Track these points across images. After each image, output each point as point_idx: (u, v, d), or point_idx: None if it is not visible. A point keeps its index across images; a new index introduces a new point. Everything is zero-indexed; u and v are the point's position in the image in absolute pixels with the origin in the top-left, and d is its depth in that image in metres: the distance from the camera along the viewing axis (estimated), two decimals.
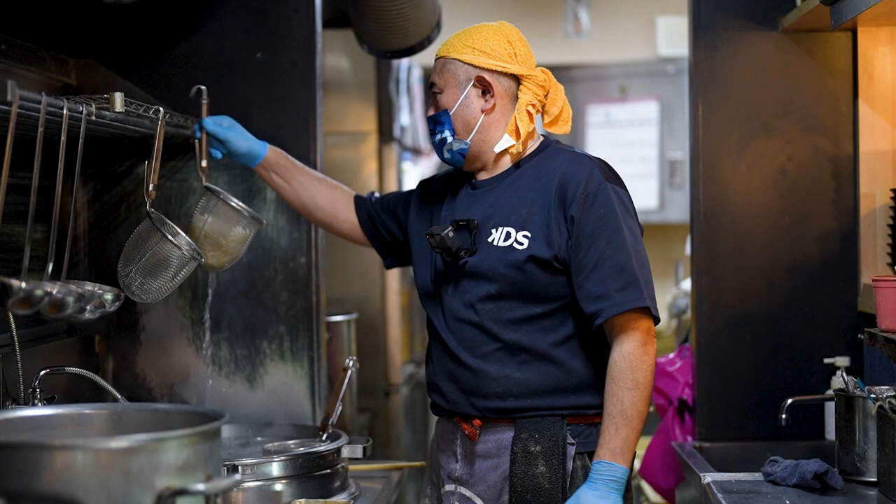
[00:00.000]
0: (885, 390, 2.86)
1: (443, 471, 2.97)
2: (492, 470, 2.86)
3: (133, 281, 2.93)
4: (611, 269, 2.73)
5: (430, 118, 2.94)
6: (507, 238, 2.82)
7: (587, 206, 2.76)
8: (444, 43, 2.97)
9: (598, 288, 2.73)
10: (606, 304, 2.72)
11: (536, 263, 2.78)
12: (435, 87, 2.93)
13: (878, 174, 3.51)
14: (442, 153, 2.92)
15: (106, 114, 2.73)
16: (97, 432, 2.32)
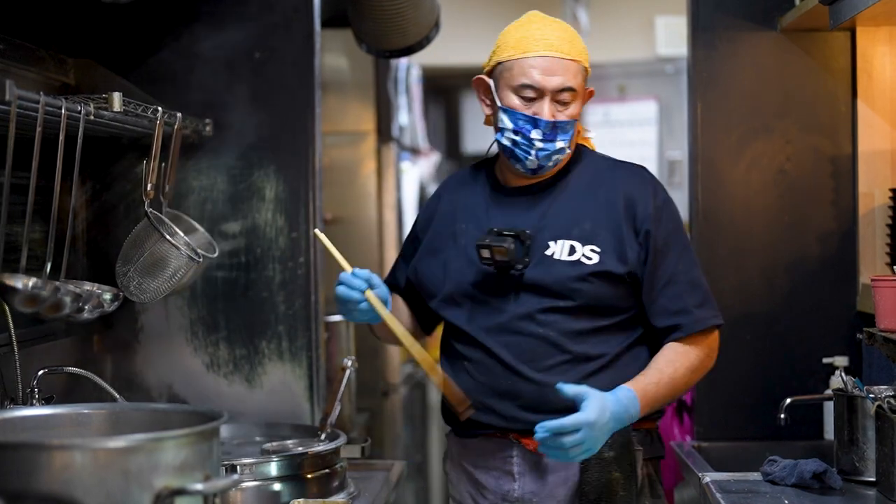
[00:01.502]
0: (883, 390, 2.86)
1: (491, 494, 2.87)
2: (561, 483, 2.79)
3: (131, 281, 2.93)
4: (686, 285, 2.80)
5: (554, 123, 2.77)
6: (571, 252, 2.77)
7: (658, 222, 2.79)
8: (567, 41, 2.79)
9: (676, 303, 2.79)
10: (687, 320, 2.78)
11: (608, 279, 2.76)
12: (567, 94, 2.76)
13: (877, 174, 3.51)
14: (547, 161, 2.79)
15: (104, 113, 2.73)
16: (95, 432, 2.32)
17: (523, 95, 2.76)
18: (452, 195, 2.99)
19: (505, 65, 2.80)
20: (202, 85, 3.40)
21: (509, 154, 2.81)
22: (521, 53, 2.77)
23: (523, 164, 2.79)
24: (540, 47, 2.76)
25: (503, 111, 2.79)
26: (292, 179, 3.43)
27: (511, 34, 2.83)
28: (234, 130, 3.41)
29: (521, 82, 2.76)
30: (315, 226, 3.44)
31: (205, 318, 3.44)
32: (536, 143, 2.76)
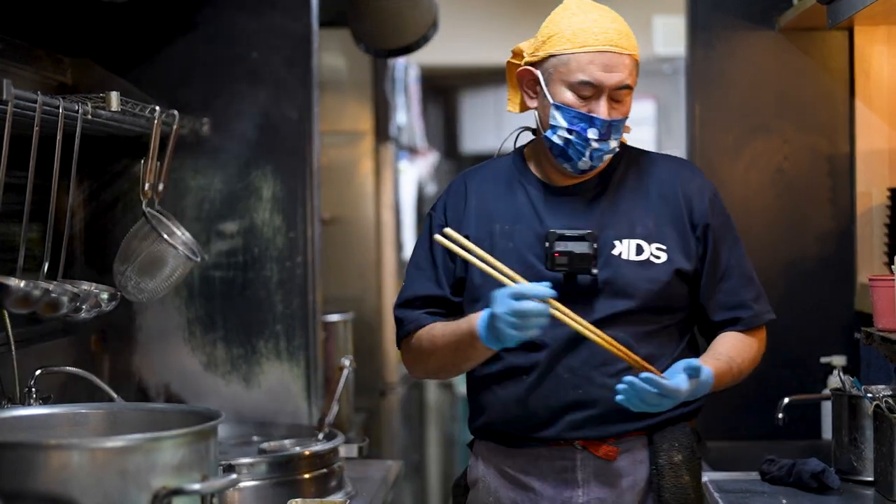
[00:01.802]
0: (881, 389, 2.86)
1: (546, 501, 2.69)
2: (630, 489, 2.66)
3: (129, 280, 2.92)
4: (741, 279, 2.72)
5: (611, 122, 2.60)
6: (639, 252, 2.64)
7: (713, 215, 2.70)
8: (623, 36, 2.61)
9: (733, 298, 2.71)
10: (746, 315, 2.72)
11: (677, 277, 2.65)
12: (625, 91, 2.61)
13: (875, 173, 3.51)
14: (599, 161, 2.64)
15: (102, 113, 2.73)
16: (93, 432, 2.32)
17: (580, 93, 2.59)
18: (480, 193, 2.76)
19: (559, 58, 2.60)
20: (200, 84, 3.40)
21: (559, 153, 2.64)
22: (579, 47, 2.59)
23: (574, 163, 2.63)
24: (599, 41, 2.58)
25: (556, 108, 2.61)
26: (290, 179, 3.42)
27: (565, 24, 2.62)
28: (232, 130, 3.41)
29: (580, 79, 2.58)
30: (312, 225, 3.44)
31: (202, 317, 3.44)
32: (592, 143, 2.60)
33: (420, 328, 2.71)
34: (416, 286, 2.76)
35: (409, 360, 2.79)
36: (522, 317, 2.44)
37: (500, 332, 2.47)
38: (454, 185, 2.81)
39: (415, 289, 2.75)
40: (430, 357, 2.70)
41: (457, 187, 2.80)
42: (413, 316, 2.73)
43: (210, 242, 3.39)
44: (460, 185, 2.79)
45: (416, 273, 2.77)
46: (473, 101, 8.17)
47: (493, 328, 2.49)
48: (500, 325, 2.46)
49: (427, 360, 2.72)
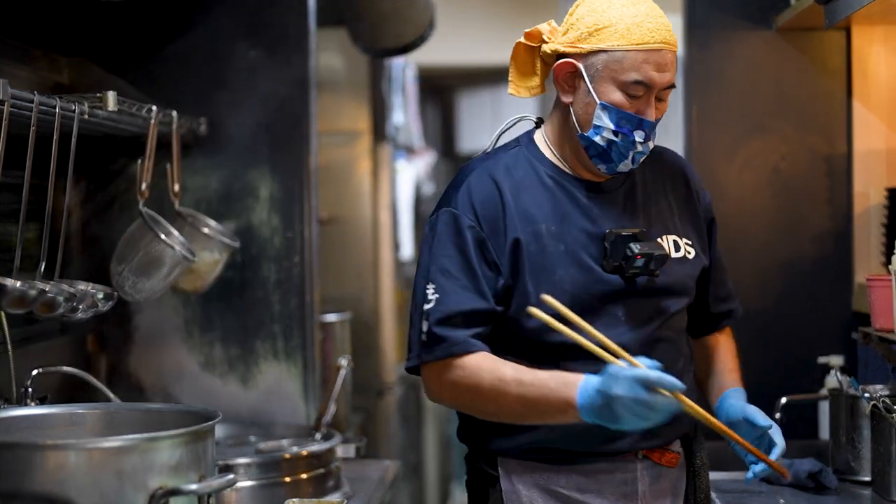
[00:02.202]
0: (879, 389, 2.86)
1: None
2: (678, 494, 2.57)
3: (126, 280, 2.92)
4: (725, 270, 2.72)
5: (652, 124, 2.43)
6: (677, 248, 2.52)
7: (711, 208, 2.65)
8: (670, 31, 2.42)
9: (724, 289, 2.70)
10: (735, 305, 2.73)
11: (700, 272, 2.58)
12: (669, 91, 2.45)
13: (873, 173, 3.51)
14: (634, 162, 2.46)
15: (99, 112, 2.72)
16: (90, 432, 2.32)
17: (631, 93, 2.40)
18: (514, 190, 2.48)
19: (612, 55, 2.39)
20: (197, 84, 3.40)
21: (597, 153, 2.45)
22: (635, 44, 2.38)
23: (613, 165, 2.45)
24: (655, 38, 2.39)
25: (603, 108, 2.41)
26: (287, 179, 3.42)
27: (616, 15, 2.41)
28: (229, 130, 3.41)
29: (634, 79, 2.38)
30: (310, 225, 3.43)
31: (200, 317, 3.44)
32: (637, 146, 2.42)
33: (467, 354, 2.40)
34: (456, 299, 2.41)
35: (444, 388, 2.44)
36: (651, 408, 2.23)
37: (618, 416, 2.24)
38: (479, 181, 2.48)
39: (456, 302, 2.41)
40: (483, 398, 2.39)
41: (483, 184, 2.48)
42: (458, 337, 2.39)
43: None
44: (486, 182, 2.48)
45: (450, 283, 2.42)
46: (471, 100, 8.17)
47: (608, 409, 2.24)
48: (620, 411, 2.23)
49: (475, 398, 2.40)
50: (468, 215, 2.45)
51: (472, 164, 2.57)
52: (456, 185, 2.51)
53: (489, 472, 2.51)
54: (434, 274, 2.44)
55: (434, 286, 2.43)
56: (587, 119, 2.44)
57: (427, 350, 2.41)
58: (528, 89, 2.60)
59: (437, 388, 2.45)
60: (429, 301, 2.43)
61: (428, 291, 2.44)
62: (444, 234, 2.46)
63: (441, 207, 2.50)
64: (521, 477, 2.49)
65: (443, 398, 2.47)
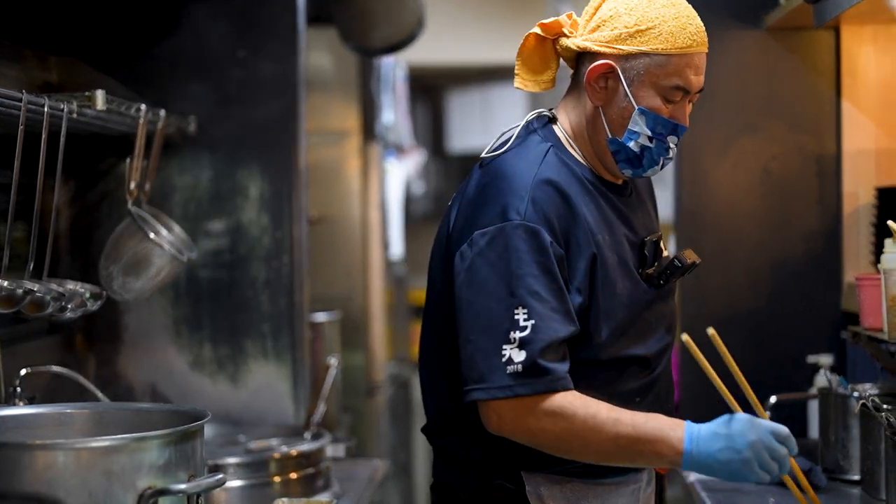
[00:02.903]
0: (868, 388, 2.87)
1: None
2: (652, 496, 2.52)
3: (114, 279, 2.91)
4: None
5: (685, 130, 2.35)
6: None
7: None
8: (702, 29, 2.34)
9: None
10: None
11: None
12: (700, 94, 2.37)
13: (862, 173, 3.51)
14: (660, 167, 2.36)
15: (87, 111, 2.72)
16: (79, 432, 2.31)
17: (670, 98, 2.30)
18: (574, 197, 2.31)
19: (655, 59, 2.28)
20: (186, 83, 3.39)
21: (627, 158, 2.34)
22: (679, 49, 2.28)
23: (641, 170, 2.35)
24: (698, 41, 2.30)
25: (641, 113, 2.30)
26: (276, 178, 3.42)
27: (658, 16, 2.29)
28: (219, 129, 3.40)
29: (675, 84, 2.29)
30: (299, 224, 3.43)
31: (189, 317, 3.43)
32: (670, 152, 2.33)
33: (566, 390, 2.22)
34: (554, 326, 2.21)
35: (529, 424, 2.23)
36: (779, 462, 2.20)
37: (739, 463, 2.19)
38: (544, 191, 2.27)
39: (554, 330, 2.21)
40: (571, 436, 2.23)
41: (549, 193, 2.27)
42: (560, 371, 2.22)
43: (197, 242, 3.38)
44: (548, 189, 2.27)
45: (544, 308, 2.21)
46: (460, 99, 8.17)
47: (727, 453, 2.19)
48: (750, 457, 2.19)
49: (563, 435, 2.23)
50: (545, 229, 2.24)
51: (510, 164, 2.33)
52: (514, 193, 2.27)
53: (509, 488, 2.34)
54: (524, 296, 2.21)
55: (526, 311, 2.20)
56: (622, 124, 2.32)
57: (523, 383, 2.19)
58: (538, 83, 2.43)
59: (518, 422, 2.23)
60: (522, 328, 2.19)
61: (518, 316, 2.20)
62: (523, 251, 2.22)
63: (505, 218, 2.25)
64: (551, 490, 2.34)
65: (517, 433, 2.24)
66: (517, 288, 2.21)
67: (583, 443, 2.22)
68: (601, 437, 2.21)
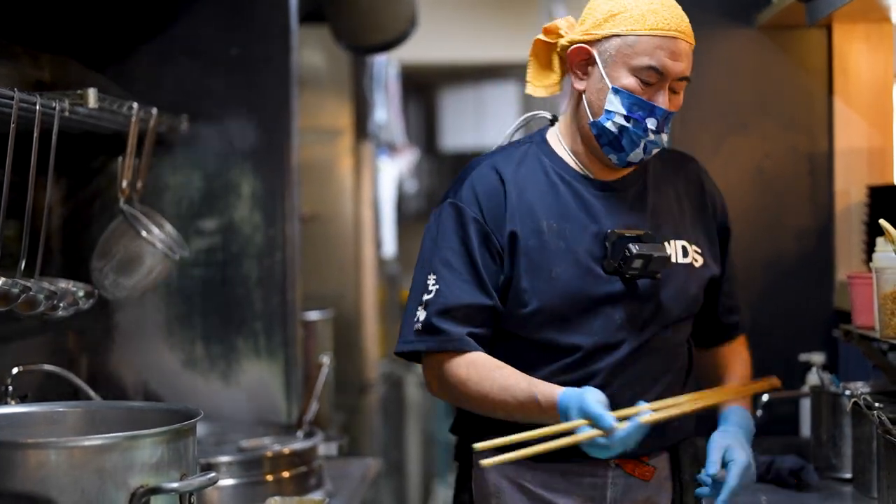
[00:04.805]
0: (860, 386, 2.87)
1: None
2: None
3: (106, 278, 2.91)
4: (735, 280, 2.71)
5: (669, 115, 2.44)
6: (685, 254, 2.51)
7: (727, 215, 2.66)
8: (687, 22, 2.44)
9: (733, 300, 2.70)
10: (742, 318, 2.73)
11: (708, 282, 2.56)
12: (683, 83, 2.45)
13: (854, 171, 3.52)
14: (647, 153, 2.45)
15: (79, 110, 2.71)
16: (71, 430, 2.31)
17: (644, 78, 2.40)
18: (518, 185, 2.48)
19: (625, 39, 2.40)
20: (178, 81, 3.39)
21: (609, 141, 2.43)
22: (648, 29, 2.39)
23: (624, 154, 2.44)
24: (670, 25, 2.40)
25: (615, 93, 2.40)
26: (269, 176, 3.42)
27: (632, 2, 2.42)
28: (211, 127, 3.40)
29: (646, 64, 2.38)
30: (291, 222, 3.43)
31: (181, 315, 3.43)
32: (650, 134, 2.41)
33: (462, 353, 2.43)
34: (456, 292, 2.43)
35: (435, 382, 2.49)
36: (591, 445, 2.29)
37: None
38: (483, 175, 2.49)
39: (456, 296, 2.43)
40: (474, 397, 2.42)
41: (487, 177, 2.48)
42: (455, 333, 2.43)
43: (189, 240, 3.37)
44: (491, 175, 2.48)
45: (452, 276, 2.44)
46: (453, 98, 8.17)
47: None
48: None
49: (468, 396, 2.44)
50: (472, 208, 2.46)
51: (479, 158, 2.56)
52: (461, 178, 2.52)
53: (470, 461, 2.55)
54: (436, 265, 2.46)
55: (435, 277, 2.45)
56: (599, 105, 2.43)
57: (421, 340, 2.45)
58: (546, 87, 2.57)
59: (430, 380, 2.51)
60: (429, 291, 2.45)
61: (429, 282, 2.45)
62: (447, 226, 2.47)
63: (446, 199, 2.51)
64: (499, 469, 2.49)
65: (433, 391, 2.52)
66: (433, 258, 2.47)
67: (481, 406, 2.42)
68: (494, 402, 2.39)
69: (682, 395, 2.47)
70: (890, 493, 2.51)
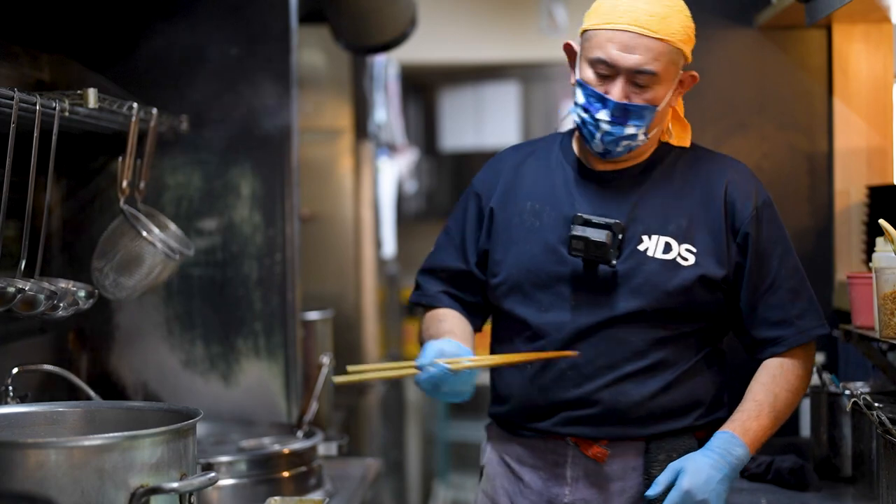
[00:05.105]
0: (859, 386, 2.87)
1: (534, 494, 2.65)
2: (618, 494, 2.59)
3: (106, 278, 2.91)
4: (788, 293, 2.61)
5: (625, 106, 2.50)
6: (666, 250, 2.54)
7: (760, 223, 2.59)
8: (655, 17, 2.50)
9: (777, 313, 2.60)
10: (789, 332, 2.60)
11: (704, 284, 2.54)
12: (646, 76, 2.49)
13: (853, 171, 3.52)
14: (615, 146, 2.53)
15: (79, 110, 2.71)
16: (71, 430, 2.31)
17: (598, 71, 2.50)
18: (518, 166, 2.69)
19: (588, 34, 2.54)
20: (178, 81, 3.39)
21: (581, 133, 2.58)
22: (603, 23, 2.50)
23: (589, 145, 2.56)
24: (623, 20, 2.48)
25: (578, 85, 2.54)
26: (269, 176, 3.42)
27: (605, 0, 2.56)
28: (211, 127, 3.40)
29: (597, 56, 2.50)
30: (291, 222, 3.43)
31: (181, 315, 3.43)
32: (602, 126, 2.51)
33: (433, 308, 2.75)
34: (442, 256, 2.75)
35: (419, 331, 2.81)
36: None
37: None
38: (497, 155, 2.78)
39: (441, 258, 2.75)
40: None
41: (498, 157, 2.77)
42: (432, 291, 2.76)
43: (189, 240, 3.38)
44: (502, 156, 2.76)
45: (446, 241, 2.76)
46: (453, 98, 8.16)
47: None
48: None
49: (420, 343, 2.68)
50: (478, 184, 2.74)
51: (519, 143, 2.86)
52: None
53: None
54: (441, 231, 2.79)
55: (437, 240, 2.78)
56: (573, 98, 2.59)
57: (413, 293, 2.80)
58: None
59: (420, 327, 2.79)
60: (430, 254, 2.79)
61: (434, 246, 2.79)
62: (461, 198, 2.78)
63: None
64: (492, 440, 2.75)
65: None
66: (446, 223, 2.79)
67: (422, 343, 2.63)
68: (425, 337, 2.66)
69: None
70: (890, 493, 2.51)
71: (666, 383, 2.57)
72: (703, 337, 2.62)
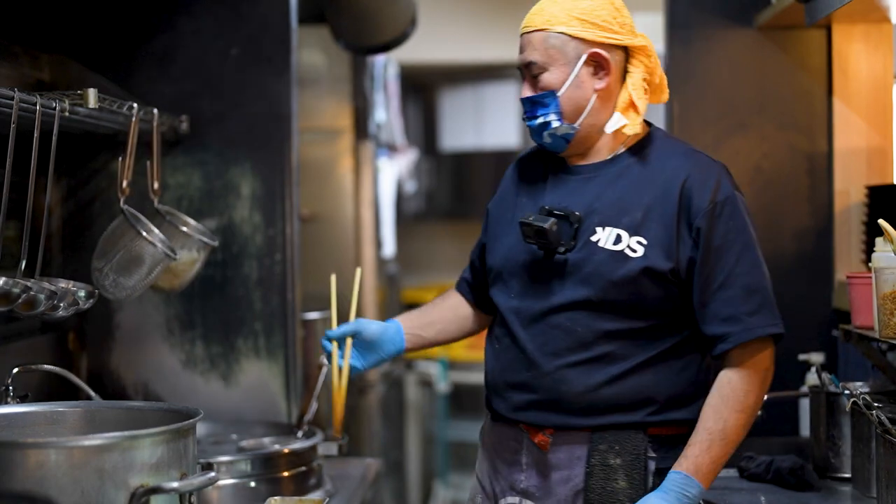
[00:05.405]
0: (859, 386, 2.87)
1: (503, 480, 2.73)
2: (562, 483, 2.62)
3: (106, 278, 2.91)
4: (741, 290, 2.57)
5: (529, 100, 2.63)
6: (616, 241, 2.57)
7: (716, 218, 2.55)
8: (538, 13, 2.63)
9: (727, 309, 2.56)
10: (737, 329, 2.56)
11: (650, 276, 2.54)
12: (533, 67, 2.60)
13: (853, 171, 3.52)
14: (542, 138, 2.64)
15: (79, 110, 2.71)
16: (71, 430, 2.31)
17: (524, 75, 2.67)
18: (520, 169, 2.82)
19: None
20: (178, 81, 3.39)
21: None
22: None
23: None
24: (524, 24, 2.66)
25: None
26: (269, 176, 3.42)
27: None
28: (211, 127, 3.40)
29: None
30: (291, 222, 3.43)
31: (181, 315, 3.43)
32: (526, 120, 2.67)
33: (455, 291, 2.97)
34: (474, 251, 2.93)
35: None
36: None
37: None
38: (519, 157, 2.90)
39: (472, 253, 2.94)
40: None
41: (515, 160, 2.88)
42: (460, 279, 2.97)
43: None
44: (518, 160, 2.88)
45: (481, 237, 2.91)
46: (453, 98, 8.16)
47: None
48: None
49: None
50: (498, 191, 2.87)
51: None
52: None
53: None
54: None
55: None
56: None
57: None
58: None
59: None
60: None
61: None
62: None
63: None
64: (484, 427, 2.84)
65: None
66: None
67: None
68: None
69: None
70: (889, 493, 2.52)
71: (611, 376, 2.57)
72: (656, 334, 2.60)
